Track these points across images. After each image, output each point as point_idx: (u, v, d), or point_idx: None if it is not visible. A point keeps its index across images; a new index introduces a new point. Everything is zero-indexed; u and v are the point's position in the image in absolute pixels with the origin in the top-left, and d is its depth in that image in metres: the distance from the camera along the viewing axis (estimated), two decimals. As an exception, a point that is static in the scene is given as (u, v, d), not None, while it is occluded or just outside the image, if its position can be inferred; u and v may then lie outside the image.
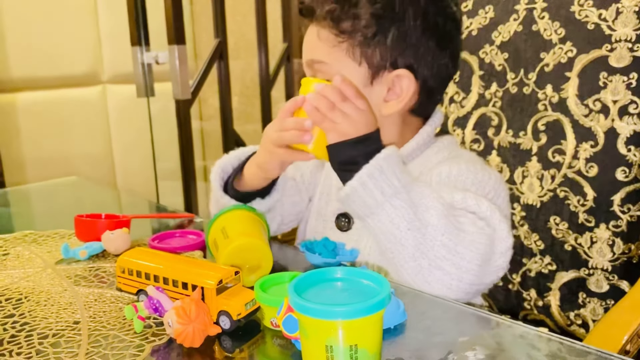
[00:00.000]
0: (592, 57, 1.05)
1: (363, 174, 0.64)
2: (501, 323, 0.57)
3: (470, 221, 0.67)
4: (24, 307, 0.63)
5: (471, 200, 0.69)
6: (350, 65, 0.75)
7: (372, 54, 0.74)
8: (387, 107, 0.77)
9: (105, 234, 0.78)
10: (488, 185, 0.74)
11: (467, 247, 0.65)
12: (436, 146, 0.81)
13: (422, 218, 0.64)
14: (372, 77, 0.75)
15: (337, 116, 0.67)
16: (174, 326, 0.52)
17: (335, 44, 0.74)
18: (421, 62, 0.75)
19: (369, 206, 0.65)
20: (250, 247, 0.66)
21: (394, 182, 0.64)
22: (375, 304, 0.42)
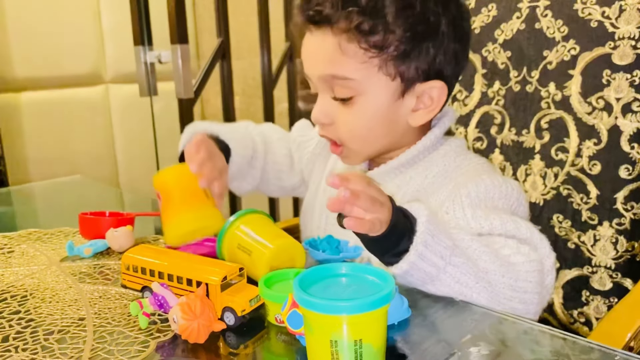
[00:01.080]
0: (595, 54, 1.05)
1: (418, 245, 0.58)
2: (505, 319, 0.57)
3: (515, 249, 0.65)
4: (29, 304, 0.63)
5: (510, 225, 0.67)
6: (382, 81, 0.71)
7: (408, 68, 0.70)
8: (415, 118, 0.74)
9: (109, 231, 0.79)
10: (512, 196, 0.72)
11: (525, 280, 0.64)
12: (443, 149, 0.79)
13: (481, 267, 0.61)
14: (404, 90, 0.72)
15: (379, 212, 0.57)
16: (179, 322, 0.52)
17: (365, 60, 0.69)
18: (449, 66, 0.73)
19: (430, 275, 0.60)
20: (287, 247, 0.65)
21: (447, 242, 0.60)
22: (380, 298, 0.42)
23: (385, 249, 0.60)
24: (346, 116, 0.74)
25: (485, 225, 0.67)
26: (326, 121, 0.75)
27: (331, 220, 0.83)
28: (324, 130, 0.77)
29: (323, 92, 0.75)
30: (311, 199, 0.91)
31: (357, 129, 0.74)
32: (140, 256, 0.63)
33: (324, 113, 0.75)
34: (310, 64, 0.74)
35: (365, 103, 0.72)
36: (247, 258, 0.65)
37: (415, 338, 0.54)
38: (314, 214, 0.87)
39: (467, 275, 0.61)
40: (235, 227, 0.68)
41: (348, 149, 0.77)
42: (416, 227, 0.59)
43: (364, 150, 0.77)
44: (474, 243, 0.63)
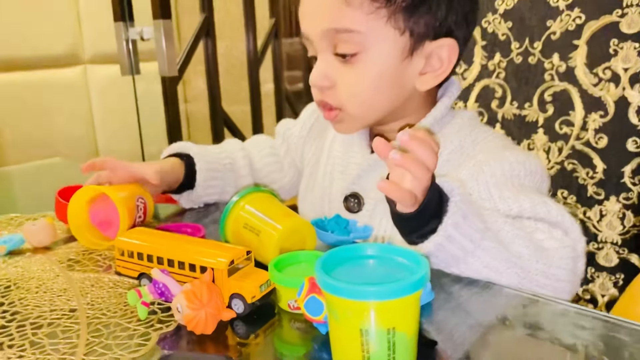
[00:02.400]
0: (602, 23, 1.01)
1: (448, 226, 0.53)
2: (535, 300, 0.53)
3: (547, 234, 0.61)
4: (13, 295, 0.58)
5: (540, 207, 0.62)
6: (390, 35, 0.65)
7: (418, 21, 0.65)
8: (423, 82, 0.69)
9: (26, 225, 0.70)
10: (537, 173, 0.68)
11: (559, 267, 0.60)
12: (456, 123, 0.73)
13: (514, 251, 0.58)
14: (413, 48, 0.66)
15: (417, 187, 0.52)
16: (184, 312, 0.47)
17: (372, 11, 0.64)
18: (461, 27, 0.68)
19: (457, 258, 0.56)
20: (297, 227, 0.61)
21: (479, 225, 0.55)
22: (415, 282, 0.37)
23: (413, 226, 0.55)
24: (349, 76, 0.68)
25: (514, 207, 0.63)
26: (326, 84, 0.69)
27: (334, 204, 0.78)
28: (324, 94, 0.70)
29: (324, 52, 0.68)
30: (309, 183, 0.86)
31: (361, 89, 0.68)
32: (136, 240, 0.58)
33: (324, 74, 0.68)
34: (309, 19, 0.68)
35: (371, 60, 0.66)
36: (255, 239, 0.60)
37: (441, 323, 0.50)
38: (314, 198, 0.82)
39: (498, 260, 0.57)
40: (239, 207, 0.62)
41: (346, 114, 0.70)
42: (448, 205, 0.54)
43: (364, 115, 0.71)
44: (507, 226, 0.59)
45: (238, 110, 2.54)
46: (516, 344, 0.46)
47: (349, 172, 0.76)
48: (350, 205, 0.75)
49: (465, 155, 0.70)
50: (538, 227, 0.62)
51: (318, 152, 0.85)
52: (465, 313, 0.52)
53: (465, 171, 0.68)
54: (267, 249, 0.58)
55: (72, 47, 2.58)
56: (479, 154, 0.69)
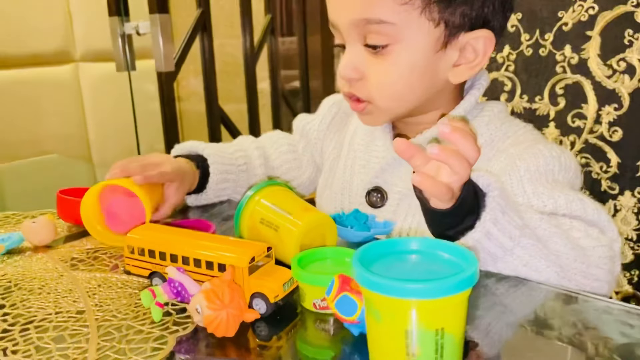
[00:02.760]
0: (616, 13, 0.98)
1: (487, 222, 0.51)
2: (575, 297, 0.50)
3: (584, 232, 0.59)
4: (14, 296, 0.54)
5: (576, 204, 0.60)
6: (425, 27, 0.62)
7: (454, 12, 0.61)
8: (457, 74, 0.66)
9: (25, 222, 0.66)
10: (571, 168, 0.65)
11: (598, 266, 0.58)
12: (486, 115, 0.70)
13: (552, 249, 0.55)
14: (447, 40, 0.63)
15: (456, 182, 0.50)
16: (204, 313, 0.44)
17: (405, 1, 0.60)
18: (497, 17, 0.64)
19: (495, 256, 0.54)
20: (317, 222, 0.57)
21: (517, 222, 0.53)
22: (467, 278, 0.34)
23: (448, 223, 0.52)
24: (379, 68, 0.64)
25: (549, 203, 0.60)
26: (355, 76, 0.65)
27: (355, 199, 0.74)
28: (352, 86, 0.67)
29: (353, 43, 0.65)
30: (328, 178, 0.82)
31: (392, 82, 0.65)
32: (147, 237, 0.54)
33: (353, 66, 0.65)
34: (339, 8, 0.65)
35: (403, 53, 0.63)
36: (274, 235, 0.56)
37: (479, 321, 0.46)
38: (333, 193, 0.79)
39: (537, 259, 0.54)
40: (255, 201, 0.59)
41: (375, 107, 0.67)
42: (485, 201, 0.51)
43: (393, 108, 0.68)
44: (543, 222, 0.56)
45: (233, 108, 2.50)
46: (559, 343, 0.43)
47: (371, 165, 0.73)
48: (373, 199, 0.72)
49: (496, 149, 0.67)
50: (574, 224, 0.59)
51: (339, 145, 0.82)
52: (502, 310, 0.49)
53: (497, 165, 0.65)
54: (287, 246, 0.55)
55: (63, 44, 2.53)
56: (511, 148, 0.66)
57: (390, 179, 0.71)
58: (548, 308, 0.50)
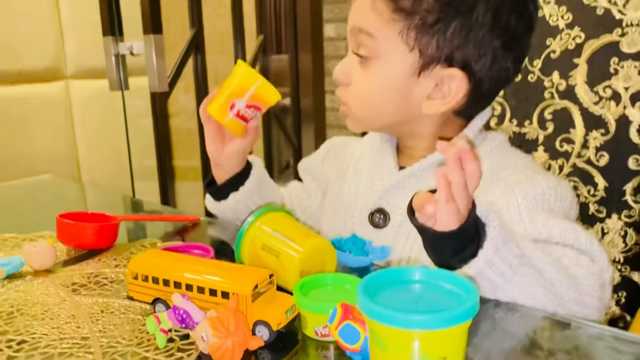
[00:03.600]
0: (602, 42, 1.02)
1: (489, 251, 0.52)
2: (567, 324, 0.52)
3: (575, 261, 0.61)
4: (18, 322, 0.54)
5: (569, 233, 0.62)
6: (401, 49, 0.66)
7: (428, 42, 0.65)
8: (429, 106, 0.68)
9: (26, 247, 0.67)
10: (567, 198, 0.67)
11: (588, 294, 0.60)
12: (488, 145, 0.72)
13: (548, 278, 0.57)
14: (421, 68, 0.66)
15: (462, 200, 0.51)
16: (209, 341, 0.45)
17: (389, 20, 0.65)
18: (480, 62, 0.66)
19: (495, 284, 0.55)
20: (318, 249, 0.59)
21: (516, 251, 0.54)
22: (468, 309, 0.36)
23: (449, 251, 0.54)
24: (361, 77, 0.70)
25: (543, 231, 0.62)
26: (344, 79, 0.72)
27: (359, 220, 0.76)
28: (340, 90, 0.73)
29: (350, 49, 0.71)
30: (331, 200, 0.85)
31: (365, 93, 0.70)
32: (151, 263, 0.55)
33: (344, 71, 0.71)
34: (350, 14, 0.71)
35: (379, 68, 0.68)
36: (275, 261, 0.57)
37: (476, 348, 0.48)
38: (337, 214, 0.80)
39: (535, 287, 0.56)
40: (256, 227, 0.60)
41: (350, 112, 0.73)
42: (487, 230, 0.53)
43: (365, 118, 0.73)
44: (537, 251, 0.58)
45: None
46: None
47: (375, 188, 0.75)
48: (376, 221, 0.74)
49: (496, 177, 0.69)
50: (566, 253, 0.61)
51: (339, 167, 0.85)
52: (500, 336, 0.51)
53: (496, 193, 0.67)
54: (288, 272, 0.56)
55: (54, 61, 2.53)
56: (511, 176, 0.68)
57: (394, 201, 0.73)
58: (543, 334, 0.51)
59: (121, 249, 0.74)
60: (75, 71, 2.58)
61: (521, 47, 0.70)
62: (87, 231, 0.72)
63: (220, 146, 0.79)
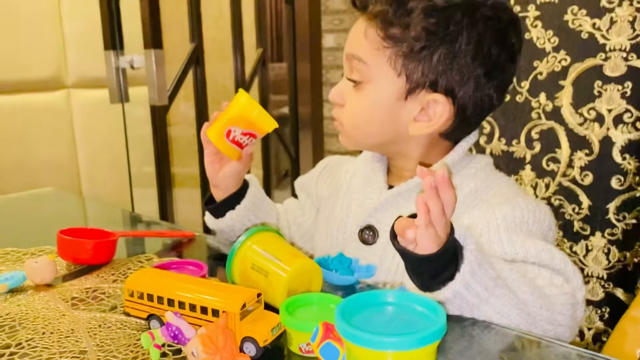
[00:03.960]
0: (587, 65, 1.06)
1: (465, 274, 0.55)
2: (538, 342, 0.55)
3: (548, 280, 0.64)
4: (20, 336, 0.57)
5: (545, 254, 0.65)
6: (389, 74, 0.70)
7: (414, 69, 0.69)
8: (415, 128, 0.72)
9: (28, 262, 0.70)
10: (545, 221, 0.71)
11: (560, 312, 0.63)
12: (473, 167, 0.76)
13: (521, 298, 0.60)
14: (408, 92, 0.70)
15: (441, 225, 0.54)
16: (199, 356, 0.48)
17: (379, 47, 0.70)
18: (463, 88, 0.69)
19: (471, 305, 0.58)
20: (305, 269, 0.62)
21: (492, 273, 0.57)
22: (436, 331, 0.39)
23: (429, 273, 0.57)
24: (353, 100, 0.74)
25: (520, 252, 0.65)
26: (339, 101, 0.76)
27: (349, 236, 0.79)
28: (335, 111, 0.78)
29: (346, 73, 0.75)
30: (323, 217, 0.88)
31: (357, 114, 0.75)
32: (146, 281, 0.58)
33: (339, 93, 0.76)
34: (346, 44, 0.75)
35: (370, 91, 0.72)
36: (264, 280, 0.60)
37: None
38: (329, 230, 0.84)
39: (509, 307, 0.59)
40: (246, 247, 0.63)
41: (343, 130, 0.77)
42: (464, 253, 0.56)
43: (357, 137, 0.77)
44: (513, 273, 0.61)
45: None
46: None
47: (365, 206, 0.78)
48: (365, 237, 0.77)
49: (479, 199, 0.73)
50: (541, 273, 0.64)
51: (332, 186, 0.89)
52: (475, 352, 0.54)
53: (478, 214, 0.70)
54: (276, 291, 0.59)
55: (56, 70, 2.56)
56: (493, 198, 0.72)
57: (383, 219, 0.76)
58: (515, 352, 0.54)
59: (119, 264, 0.77)
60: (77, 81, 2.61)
61: (503, 76, 0.73)
62: (86, 247, 0.75)
63: (217, 167, 0.82)
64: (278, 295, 0.59)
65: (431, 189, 0.52)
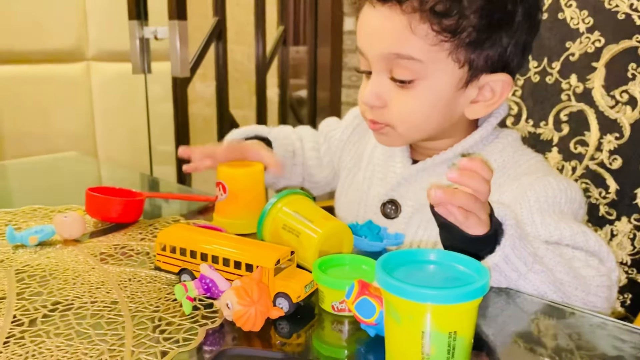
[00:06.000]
0: (621, 47, 1.03)
1: (506, 247, 0.54)
2: (572, 313, 0.54)
3: (584, 262, 0.63)
4: (51, 285, 0.58)
5: (579, 236, 0.64)
6: (450, 67, 0.66)
7: (478, 56, 0.66)
8: (473, 111, 0.70)
9: (57, 217, 0.70)
10: (577, 200, 0.70)
11: (596, 294, 0.62)
12: (500, 142, 0.74)
13: (557, 278, 0.59)
14: (469, 80, 0.68)
15: (479, 210, 0.53)
16: (234, 308, 0.48)
17: (436, 42, 0.64)
18: (516, 59, 0.69)
19: (510, 279, 0.58)
20: (336, 231, 0.61)
21: (530, 249, 0.57)
22: (480, 287, 0.38)
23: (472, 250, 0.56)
24: (402, 99, 0.69)
25: (555, 234, 0.64)
26: (378, 104, 0.70)
27: (370, 209, 0.79)
28: (373, 113, 0.71)
29: (379, 72, 0.69)
30: (345, 186, 0.87)
31: (413, 114, 0.69)
32: (178, 236, 0.58)
33: (377, 94, 0.69)
34: (371, 40, 0.69)
35: (427, 88, 0.67)
36: (295, 240, 0.60)
37: (479, 333, 0.50)
38: (350, 201, 0.83)
39: (546, 284, 0.58)
40: (277, 209, 0.63)
41: (394, 131, 0.72)
42: (504, 228, 0.55)
43: (410, 135, 0.73)
44: (549, 252, 0.60)
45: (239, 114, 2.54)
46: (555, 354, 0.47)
47: (388, 179, 0.77)
48: (387, 211, 0.76)
49: (507, 175, 0.72)
50: (575, 254, 0.63)
51: (357, 156, 0.87)
52: (505, 324, 0.53)
53: (508, 193, 0.69)
54: (307, 251, 0.59)
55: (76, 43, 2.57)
56: (523, 177, 0.70)
57: (405, 193, 0.75)
58: (546, 322, 0.54)
59: (145, 224, 0.77)
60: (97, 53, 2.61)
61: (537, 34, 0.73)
62: (115, 205, 0.75)
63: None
64: (309, 256, 0.58)
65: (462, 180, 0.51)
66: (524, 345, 0.49)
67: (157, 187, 1.09)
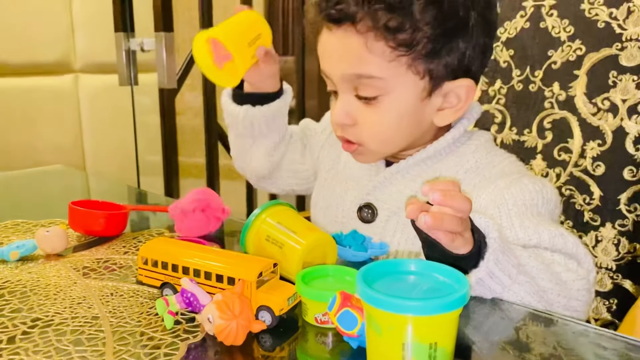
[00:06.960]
0: (602, 55, 1.05)
1: (489, 262, 0.54)
2: (555, 321, 0.55)
3: (564, 266, 0.63)
4: (31, 301, 0.57)
5: (558, 239, 0.64)
6: (411, 80, 0.67)
7: (437, 66, 0.66)
8: (441, 118, 0.71)
9: (39, 231, 0.70)
10: (552, 200, 0.70)
11: (577, 299, 0.62)
12: (473, 144, 0.75)
13: (541, 286, 0.59)
14: (432, 89, 0.68)
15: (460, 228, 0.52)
16: (215, 322, 0.47)
17: (392, 58, 0.65)
18: (476, 62, 0.69)
19: (494, 292, 0.57)
20: (320, 242, 0.61)
21: (514, 260, 0.57)
22: (460, 297, 0.38)
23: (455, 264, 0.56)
24: (370, 116, 0.70)
25: (533, 237, 0.64)
26: (348, 122, 0.71)
27: (348, 213, 0.79)
28: (345, 131, 0.73)
29: (345, 92, 0.70)
30: (322, 190, 0.87)
31: (382, 129, 0.70)
32: (160, 250, 0.58)
33: (346, 113, 0.71)
34: (331, 63, 0.70)
35: (392, 103, 0.68)
36: (278, 251, 0.60)
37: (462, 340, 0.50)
38: (327, 206, 0.83)
39: (530, 295, 0.58)
40: (261, 220, 0.63)
41: (366, 149, 0.73)
42: (487, 242, 0.55)
43: (383, 150, 0.74)
44: (532, 260, 0.60)
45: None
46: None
47: (364, 183, 0.78)
48: (364, 215, 0.76)
49: (482, 176, 0.72)
50: (555, 258, 0.64)
51: (332, 160, 0.87)
52: (488, 332, 0.53)
53: (485, 196, 0.69)
54: (291, 263, 0.59)
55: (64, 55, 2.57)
56: (498, 179, 0.71)
57: (381, 197, 0.75)
58: (530, 330, 0.54)
59: (129, 237, 0.77)
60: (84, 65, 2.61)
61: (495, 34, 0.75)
62: (98, 218, 0.75)
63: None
64: (293, 268, 0.58)
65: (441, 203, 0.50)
66: (508, 353, 0.49)
67: (144, 199, 1.09)
